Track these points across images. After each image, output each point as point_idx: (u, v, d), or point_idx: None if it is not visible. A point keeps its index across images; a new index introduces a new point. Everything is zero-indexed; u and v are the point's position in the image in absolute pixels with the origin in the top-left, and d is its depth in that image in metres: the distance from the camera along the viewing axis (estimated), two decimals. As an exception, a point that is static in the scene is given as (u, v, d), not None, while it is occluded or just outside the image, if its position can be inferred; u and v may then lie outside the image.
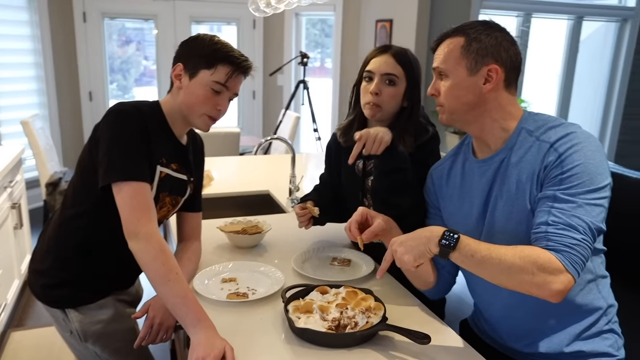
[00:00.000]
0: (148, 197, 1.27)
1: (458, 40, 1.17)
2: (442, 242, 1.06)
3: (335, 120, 5.16)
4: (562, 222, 1.02)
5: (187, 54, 1.35)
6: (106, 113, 1.30)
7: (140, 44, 5.34)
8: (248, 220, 1.82)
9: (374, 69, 1.48)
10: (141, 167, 1.28)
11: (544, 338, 1.17)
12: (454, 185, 1.31)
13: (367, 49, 4.88)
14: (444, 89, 1.19)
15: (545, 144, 1.11)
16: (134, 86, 5.47)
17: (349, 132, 1.59)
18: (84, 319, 1.38)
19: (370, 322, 1.20)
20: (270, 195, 2.41)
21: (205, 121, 1.38)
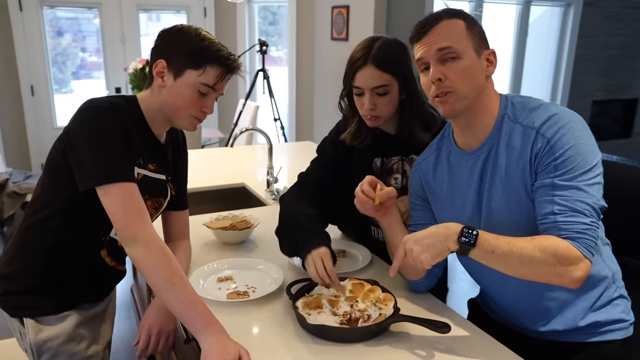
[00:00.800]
0: (140, 198, 1.17)
1: (458, 22, 1.12)
2: (461, 239, 1.04)
3: (292, 109, 5.09)
4: (568, 208, 1.02)
5: (171, 50, 1.23)
6: (80, 110, 1.19)
7: (76, 35, 5.03)
8: (234, 215, 1.75)
9: (361, 85, 1.38)
10: (126, 167, 1.19)
11: (558, 316, 1.17)
12: (441, 180, 1.28)
13: (324, 37, 4.78)
14: (455, 71, 1.10)
15: (531, 129, 1.09)
16: (71, 79, 5.17)
17: (359, 135, 1.51)
18: (41, 332, 1.25)
19: (383, 314, 1.17)
20: (245, 187, 2.34)
21: (191, 122, 1.29)
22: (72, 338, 1.27)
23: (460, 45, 1.10)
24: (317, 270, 1.23)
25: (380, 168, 1.52)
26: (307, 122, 5.08)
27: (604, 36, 5.42)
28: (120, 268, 1.40)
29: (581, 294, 1.16)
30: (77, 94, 5.18)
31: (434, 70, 1.11)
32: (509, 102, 1.17)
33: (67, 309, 1.28)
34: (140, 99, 1.30)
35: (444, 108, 1.15)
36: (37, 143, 4.83)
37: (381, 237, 1.58)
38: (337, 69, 4.50)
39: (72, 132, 1.18)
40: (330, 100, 4.63)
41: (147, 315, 1.28)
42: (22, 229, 1.29)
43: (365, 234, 1.62)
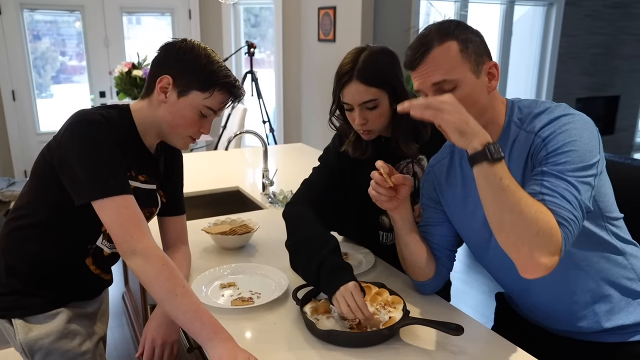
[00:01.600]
0: (136, 210, 1.15)
1: (450, 45, 1.06)
2: (488, 146, 0.96)
3: (280, 111, 5.07)
4: (557, 193, 0.97)
5: (179, 68, 1.21)
6: (71, 123, 1.16)
7: (55, 39, 4.93)
8: (232, 219, 1.72)
9: (349, 101, 1.36)
10: (121, 180, 1.16)
11: (581, 317, 1.15)
12: (455, 184, 1.25)
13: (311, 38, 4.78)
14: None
15: (531, 134, 1.08)
16: (51, 84, 5.07)
17: (359, 146, 1.48)
18: (30, 331, 1.24)
19: (393, 318, 1.16)
20: (240, 191, 2.30)
21: (186, 142, 1.30)
22: (64, 335, 1.26)
23: (456, 74, 1.06)
24: (349, 306, 1.13)
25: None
26: (295, 124, 5.06)
27: (586, 35, 5.50)
28: (105, 277, 1.38)
29: (604, 296, 1.14)
30: (58, 98, 5.08)
31: None
32: (515, 107, 1.14)
33: (55, 307, 1.27)
34: (134, 110, 1.28)
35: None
36: (19, 149, 4.73)
37: (389, 242, 1.57)
38: (324, 70, 4.49)
39: (63, 145, 1.15)
40: (318, 101, 4.62)
41: (149, 326, 1.25)
42: (4, 234, 1.27)
43: (373, 239, 1.59)
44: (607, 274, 1.14)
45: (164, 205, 1.42)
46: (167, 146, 1.40)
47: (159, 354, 1.23)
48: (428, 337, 1.14)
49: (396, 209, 1.27)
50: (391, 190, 1.23)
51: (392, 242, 1.56)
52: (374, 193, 1.24)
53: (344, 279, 1.17)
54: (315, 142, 4.64)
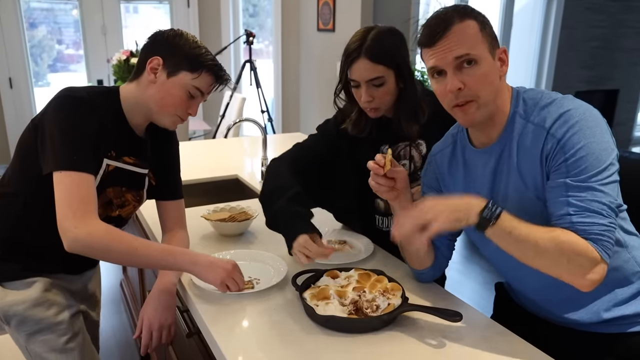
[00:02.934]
0: (89, 190, 1.17)
1: (471, 23, 1.05)
2: (483, 213, 1.00)
3: (279, 101, 5.05)
4: (584, 209, 0.99)
5: (169, 50, 1.26)
6: (55, 97, 1.21)
7: (52, 27, 4.90)
8: (231, 207, 1.72)
9: (356, 77, 1.38)
10: (85, 157, 1.18)
11: (580, 307, 1.15)
12: (457, 174, 1.25)
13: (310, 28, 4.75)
14: (475, 77, 1.05)
15: (541, 129, 1.06)
16: (48, 72, 5.04)
17: (359, 124, 1.51)
18: (6, 296, 1.26)
19: (392, 304, 1.16)
20: (239, 179, 2.30)
21: (174, 121, 1.32)
22: (39, 303, 1.28)
23: (477, 50, 1.05)
24: (307, 258, 1.24)
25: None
26: (293, 114, 5.05)
27: (586, 28, 5.49)
28: None
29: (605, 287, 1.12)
30: (55, 87, 5.06)
31: (453, 79, 1.05)
32: (520, 98, 1.13)
33: (32, 275, 1.29)
34: (123, 92, 1.30)
35: (464, 118, 1.10)
36: (16, 137, 4.70)
37: (384, 227, 1.57)
38: (323, 60, 4.47)
39: (44, 118, 1.20)
40: (317, 91, 4.61)
41: (146, 310, 1.26)
42: None
43: (369, 223, 1.60)
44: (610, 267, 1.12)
45: (157, 188, 1.44)
46: (160, 130, 1.40)
47: (157, 337, 1.24)
48: (426, 324, 1.14)
49: (396, 198, 1.27)
50: (390, 181, 1.23)
51: (387, 228, 1.57)
52: (374, 183, 1.24)
53: (296, 231, 1.27)
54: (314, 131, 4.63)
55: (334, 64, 4.23)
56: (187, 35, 1.29)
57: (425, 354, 1.05)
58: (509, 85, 1.16)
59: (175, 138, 1.49)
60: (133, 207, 1.39)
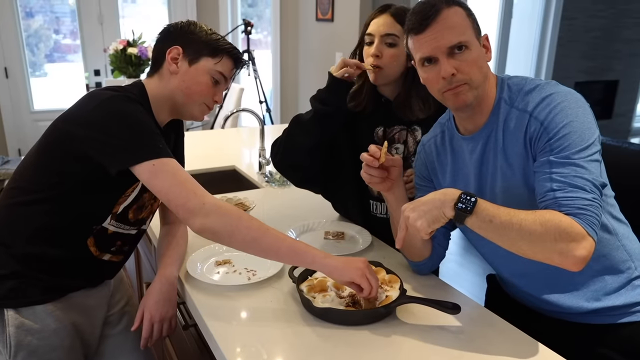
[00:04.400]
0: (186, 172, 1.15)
1: (458, 10, 1.08)
2: (458, 205, 0.99)
3: (277, 91, 5.02)
4: (567, 184, 0.99)
5: (186, 39, 1.25)
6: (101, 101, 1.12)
7: (48, 17, 4.85)
8: (228, 198, 1.70)
9: (373, 30, 1.41)
10: (166, 146, 1.14)
11: (566, 293, 1.15)
12: (445, 162, 1.25)
13: (309, 17, 4.71)
14: (467, 62, 1.07)
15: (525, 113, 1.07)
16: (45, 62, 5.00)
17: (358, 96, 1.52)
18: (23, 324, 1.15)
19: (390, 296, 1.15)
20: (236, 170, 2.29)
21: (202, 110, 1.30)
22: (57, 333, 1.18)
23: (467, 35, 1.07)
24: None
25: (382, 137, 1.51)
26: (292, 104, 5.02)
27: (586, 18, 5.45)
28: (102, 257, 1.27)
29: (594, 275, 1.13)
30: (53, 77, 5.02)
31: (446, 65, 1.06)
32: (505, 84, 1.14)
33: (52, 298, 1.19)
34: (148, 86, 1.26)
35: (456, 100, 1.10)
36: (13, 127, 4.68)
37: (379, 213, 1.57)
38: (322, 50, 4.44)
39: (98, 121, 1.11)
40: (316, 81, 4.57)
41: (147, 303, 1.23)
42: (4, 210, 1.20)
43: (365, 210, 1.60)
44: (599, 254, 1.12)
45: None
46: (173, 125, 1.38)
47: (158, 330, 1.22)
48: (425, 316, 1.14)
49: (389, 189, 1.26)
50: (382, 171, 1.22)
51: (382, 214, 1.56)
52: (366, 175, 1.23)
53: None
54: (312, 123, 4.61)
55: (333, 53, 4.19)
56: (200, 24, 1.29)
57: (424, 346, 1.04)
58: (493, 73, 1.17)
59: (183, 131, 1.47)
60: (151, 208, 1.34)
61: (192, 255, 1.37)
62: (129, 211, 1.25)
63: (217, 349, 1.05)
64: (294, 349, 1.04)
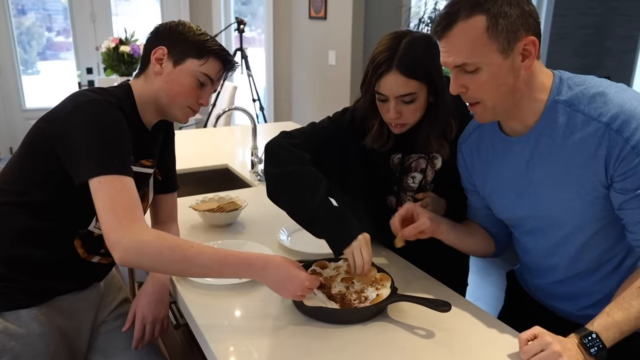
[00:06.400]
0: (132, 194, 1.09)
1: (477, 21, 0.97)
2: (592, 351, 0.93)
3: (270, 90, 5.01)
4: None
5: (173, 39, 1.22)
6: (79, 103, 1.11)
7: (41, 14, 4.82)
8: (220, 197, 1.70)
9: (385, 92, 1.24)
10: (125, 160, 1.11)
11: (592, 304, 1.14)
12: (485, 162, 1.21)
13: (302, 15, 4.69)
14: (478, 83, 1.01)
15: (595, 122, 0.99)
16: (37, 60, 4.97)
17: (380, 137, 1.36)
18: (7, 329, 1.11)
19: (380, 295, 1.16)
20: (229, 169, 2.28)
21: (186, 112, 1.26)
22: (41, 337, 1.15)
23: (478, 55, 0.98)
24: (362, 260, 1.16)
25: (400, 165, 1.41)
26: (285, 103, 5.02)
27: (578, 15, 5.47)
28: (90, 259, 1.25)
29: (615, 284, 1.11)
30: (45, 75, 4.99)
31: (454, 84, 1.03)
32: (563, 85, 1.05)
33: (38, 301, 1.16)
34: (134, 87, 1.25)
35: (476, 117, 1.09)
36: (5, 125, 4.66)
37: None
38: (315, 48, 4.44)
39: (71, 125, 1.10)
40: (309, 79, 4.57)
41: (139, 303, 1.23)
42: None
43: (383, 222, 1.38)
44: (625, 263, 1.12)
45: (159, 183, 1.40)
46: (162, 125, 1.36)
47: (150, 331, 1.22)
48: (416, 314, 1.14)
49: (434, 233, 1.23)
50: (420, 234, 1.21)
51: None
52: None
53: (358, 229, 1.19)
54: (306, 120, 4.59)
55: (326, 51, 4.19)
56: (190, 24, 1.26)
57: (414, 344, 1.05)
58: (549, 71, 1.08)
59: (173, 130, 1.46)
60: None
61: (183, 254, 1.37)
62: None
63: (207, 348, 1.05)
64: (285, 348, 1.04)
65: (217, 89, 1.29)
